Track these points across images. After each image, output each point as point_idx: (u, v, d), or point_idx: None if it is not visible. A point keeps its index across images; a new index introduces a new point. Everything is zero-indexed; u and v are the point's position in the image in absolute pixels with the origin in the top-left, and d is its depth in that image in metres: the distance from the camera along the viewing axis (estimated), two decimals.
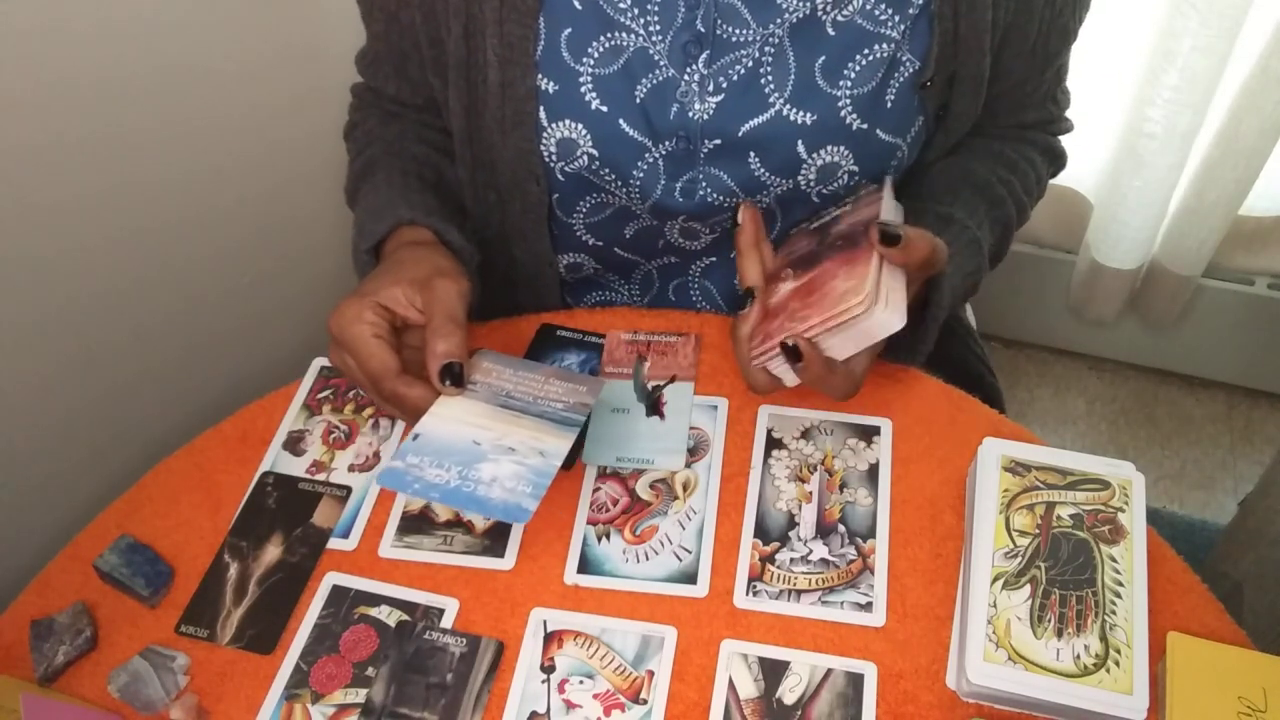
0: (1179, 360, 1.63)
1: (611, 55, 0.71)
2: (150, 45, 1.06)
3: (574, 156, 0.74)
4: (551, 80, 0.72)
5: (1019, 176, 0.83)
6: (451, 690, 0.64)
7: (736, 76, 0.71)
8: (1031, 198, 0.86)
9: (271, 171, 1.30)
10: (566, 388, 0.69)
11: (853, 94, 0.71)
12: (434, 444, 0.64)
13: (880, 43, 0.70)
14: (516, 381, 0.69)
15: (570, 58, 0.72)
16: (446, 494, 0.61)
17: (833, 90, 0.71)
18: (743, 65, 0.71)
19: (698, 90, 0.71)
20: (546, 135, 0.74)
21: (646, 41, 0.71)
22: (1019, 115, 0.84)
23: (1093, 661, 0.58)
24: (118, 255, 1.08)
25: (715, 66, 0.71)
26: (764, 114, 0.72)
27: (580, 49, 0.72)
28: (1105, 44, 1.30)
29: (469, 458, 0.63)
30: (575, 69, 0.72)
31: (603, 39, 0.71)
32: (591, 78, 0.72)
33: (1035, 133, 0.86)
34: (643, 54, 0.71)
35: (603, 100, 0.72)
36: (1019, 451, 0.67)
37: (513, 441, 0.64)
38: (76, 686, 0.67)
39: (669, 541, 0.70)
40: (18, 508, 1.00)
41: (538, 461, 0.63)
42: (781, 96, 0.71)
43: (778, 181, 0.75)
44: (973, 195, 0.80)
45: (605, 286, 0.92)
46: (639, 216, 0.80)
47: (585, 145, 0.74)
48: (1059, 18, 0.74)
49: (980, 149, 0.83)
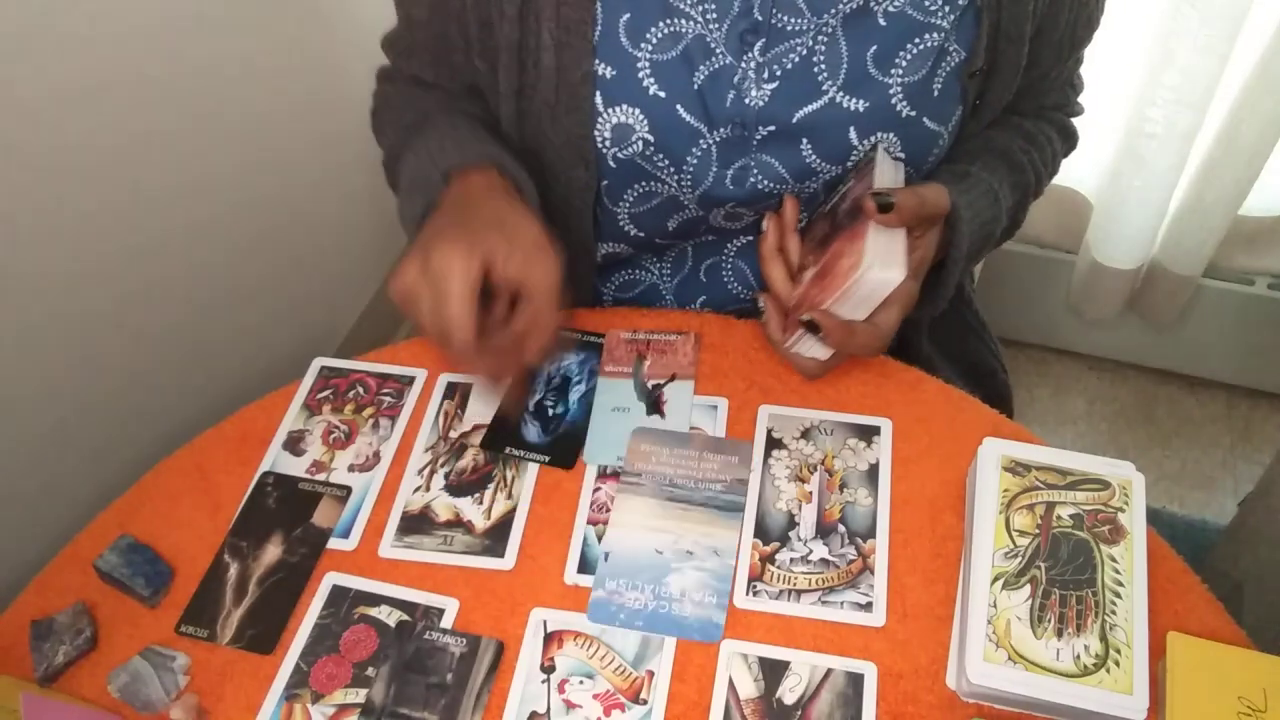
0: (1179, 360, 1.63)
1: (670, 42, 0.72)
2: (152, 53, 1.06)
3: (628, 142, 0.74)
4: (609, 65, 0.72)
5: (1037, 149, 0.85)
6: (451, 690, 0.64)
7: (791, 65, 0.72)
8: (1048, 170, 0.88)
9: (273, 174, 1.31)
10: (721, 461, 0.73)
11: (904, 82, 0.73)
12: (624, 562, 0.68)
13: (930, 32, 0.72)
14: (675, 464, 0.73)
15: (629, 43, 0.72)
16: (649, 620, 0.66)
17: (884, 78, 0.72)
18: (796, 54, 0.72)
19: (754, 78, 0.72)
20: (601, 120, 0.74)
21: (704, 29, 0.71)
22: (1039, 99, 0.87)
23: (1093, 661, 0.58)
24: (118, 257, 1.08)
25: (770, 55, 0.72)
26: (817, 101, 0.73)
27: (639, 34, 0.72)
28: (1105, 44, 1.30)
29: (657, 573, 0.68)
30: (633, 54, 0.72)
31: (661, 25, 0.71)
32: (649, 63, 0.72)
33: (1052, 113, 0.89)
34: (700, 41, 0.72)
35: (661, 86, 0.72)
36: (1019, 451, 0.67)
37: (688, 543, 0.69)
38: (76, 686, 0.67)
39: None
40: (18, 508, 1.00)
41: (715, 564, 0.68)
42: (835, 84, 0.72)
43: (827, 168, 0.76)
44: (992, 158, 0.82)
45: (635, 265, 0.90)
46: (686, 208, 0.80)
47: (641, 131, 0.73)
48: (1084, 8, 0.77)
49: (1000, 122, 0.85)
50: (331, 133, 1.37)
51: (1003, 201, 0.80)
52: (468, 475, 0.74)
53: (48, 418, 1.03)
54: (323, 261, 1.47)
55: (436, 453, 0.76)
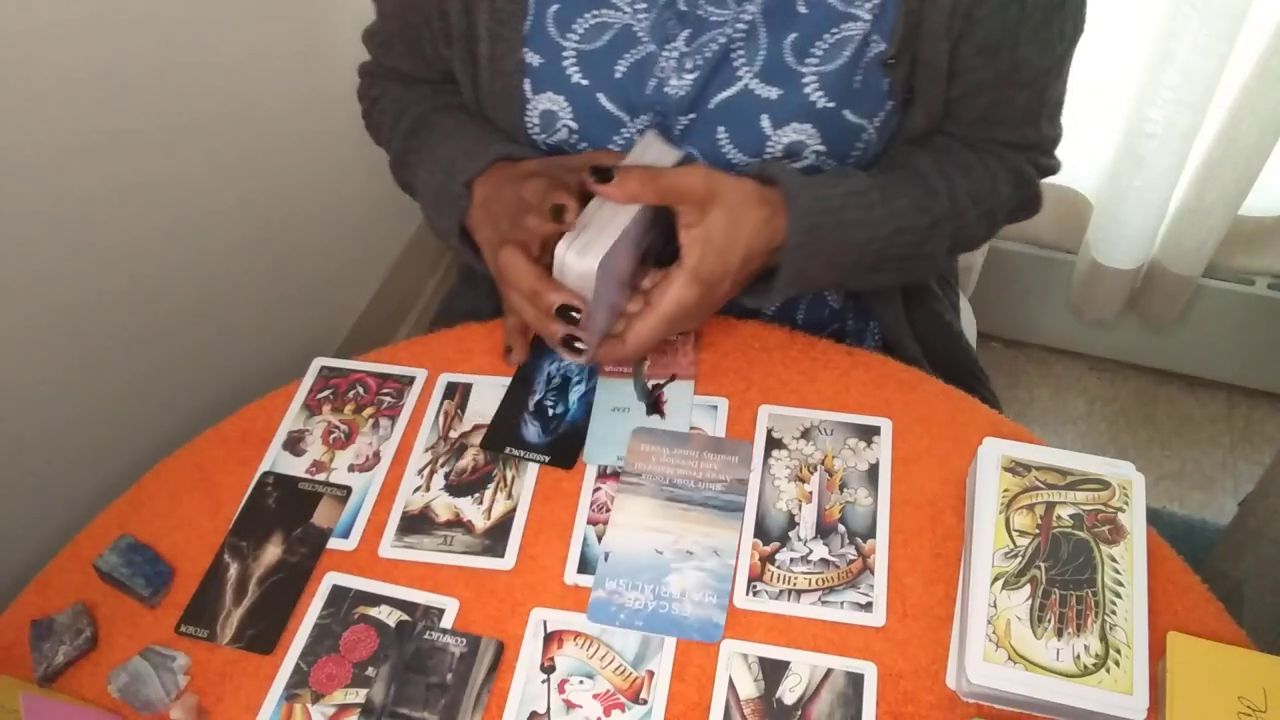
0: (1179, 360, 1.63)
1: (597, 31, 0.74)
2: (150, 48, 1.06)
3: (554, 129, 0.76)
4: (537, 54, 0.75)
5: (970, 180, 0.79)
6: (451, 690, 0.64)
7: (710, 53, 0.72)
8: (980, 207, 0.79)
9: (272, 173, 1.31)
10: (721, 461, 0.73)
11: (819, 71, 0.72)
12: (624, 562, 0.68)
13: (849, 22, 0.71)
14: (675, 464, 0.73)
15: (556, 32, 0.74)
16: (649, 620, 0.66)
17: (799, 67, 0.72)
18: (717, 42, 0.72)
19: (675, 67, 0.73)
20: (530, 107, 0.76)
21: (632, 19, 0.73)
22: (992, 130, 0.80)
23: (1093, 661, 0.58)
24: (118, 256, 1.08)
25: (695, 44, 0.73)
26: (732, 88, 0.73)
27: (566, 24, 0.74)
28: (1105, 44, 1.30)
29: (657, 572, 0.68)
30: (560, 43, 0.74)
31: (589, 15, 0.73)
32: (575, 53, 0.74)
33: (1011, 154, 0.82)
34: (627, 31, 0.73)
35: (584, 74, 0.74)
36: (1019, 451, 0.67)
37: (688, 543, 0.69)
38: (76, 686, 0.67)
39: None
40: (18, 508, 1.00)
41: (715, 564, 0.68)
42: (750, 71, 0.73)
43: (743, 158, 0.75)
44: (901, 172, 0.77)
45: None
46: None
47: (565, 118, 0.76)
48: (1028, 21, 0.71)
49: (939, 144, 0.80)
50: (332, 132, 1.37)
51: (884, 216, 0.74)
52: (468, 475, 0.74)
53: (48, 417, 1.03)
54: (323, 261, 1.47)
55: (436, 453, 0.76)
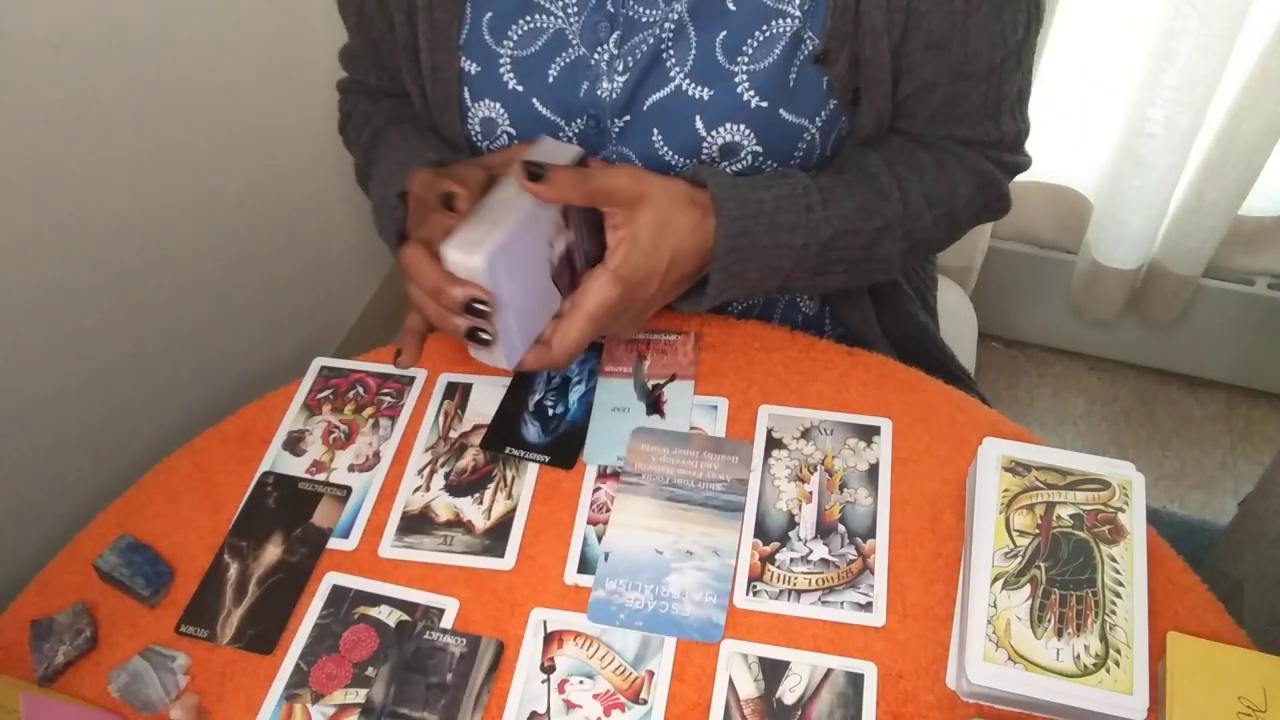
0: (1179, 360, 1.63)
1: (531, 37, 0.74)
2: (152, 58, 1.06)
3: (495, 136, 0.77)
4: (474, 62, 0.75)
5: (925, 182, 0.76)
6: (451, 690, 0.64)
7: (640, 54, 0.72)
8: (938, 209, 0.78)
9: (272, 175, 1.31)
10: (721, 461, 0.73)
11: (750, 70, 0.71)
12: (624, 562, 0.68)
13: (779, 19, 0.70)
14: (675, 464, 0.73)
15: (491, 40, 0.75)
16: (649, 620, 0.66)
17: (730, 66, 0.72)
18: (646, 44, 0.72)
19: (606, 69, 0.73)
20: (471, 115, 0.77)
21: (564, 23, 0.73)
22: (950, 128, 0.78)
23: (1093, 661, 0.58)
24: (117, 257, 1.08)
25: (626, 46, 0.73)
26: (664, 89, 0.73)
27: (501, 31, 0.74)
28: (1105, 44, 1.30)
29: (657, 572, 0.68)
30: (496, 50, 0.75)
31: (522, 21, 0.74)
32: (510, 59, 0.75)
33: (973, 153, 0.79)
34: (560, 35, 0.74)
35: (519, 80, 0.75)
36: (1019, 451, 0.67)
37: (688, 543, 0.69)
38: (76, 686, 0.67)
39: None
40: (18, 508, 1.00)
41: (715, 564, 0.68)
42: (681, 72, 0.72)
43: (679, 160, 0.75)
44: (850, 176, 0.75)
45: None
46: None
47: (504, 125, 0.76)
48: (976, 13, 0.69)
49: (895, 145, 0.78)
50: (331, 134, 1.37)
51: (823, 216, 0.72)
52: (468, 475, 0.74)
53: (48, 418, 1.03)
54: (323, 262, 1.47)
55: (436, 453, 0.76)
